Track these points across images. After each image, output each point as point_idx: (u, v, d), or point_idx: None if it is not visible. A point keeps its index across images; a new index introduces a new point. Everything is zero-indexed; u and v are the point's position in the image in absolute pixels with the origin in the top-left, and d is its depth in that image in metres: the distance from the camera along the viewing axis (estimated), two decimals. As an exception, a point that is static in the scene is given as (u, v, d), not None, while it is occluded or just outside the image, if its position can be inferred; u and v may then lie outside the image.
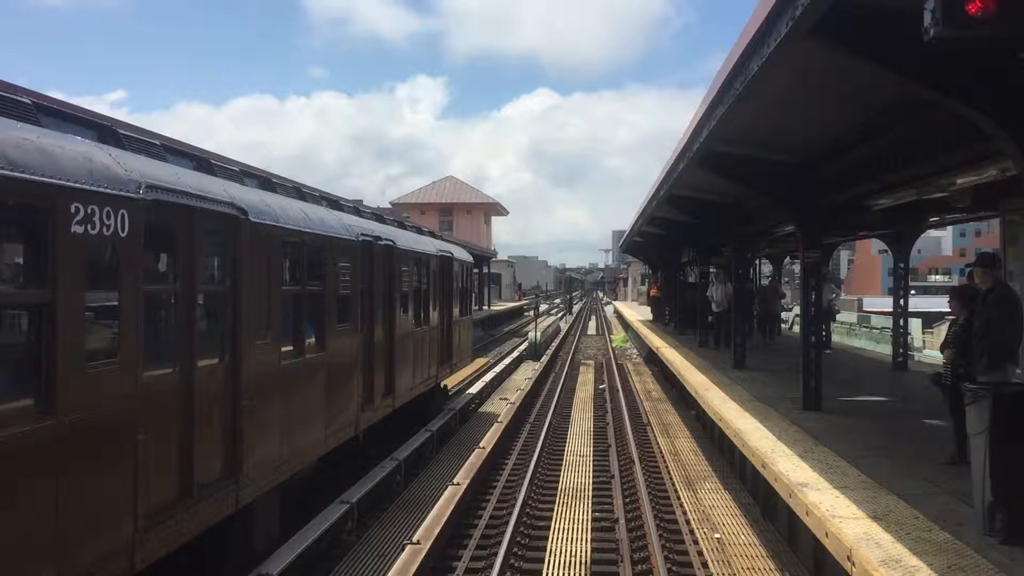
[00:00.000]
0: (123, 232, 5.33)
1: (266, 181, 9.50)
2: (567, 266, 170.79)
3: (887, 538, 6.27)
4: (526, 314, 53.28)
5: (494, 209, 72.08)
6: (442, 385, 17.49)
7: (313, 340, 9.09)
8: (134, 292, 5.52)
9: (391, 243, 12.38)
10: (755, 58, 6.94)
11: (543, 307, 62.20)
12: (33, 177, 4.59)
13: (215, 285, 7.02)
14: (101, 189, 5.15)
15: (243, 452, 7.08)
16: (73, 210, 4.87)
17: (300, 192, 10.64)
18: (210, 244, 6.86)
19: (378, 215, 14.93)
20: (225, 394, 6.92)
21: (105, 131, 6.26)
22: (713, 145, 10.95)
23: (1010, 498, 6.21)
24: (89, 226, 5.00)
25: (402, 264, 12.93)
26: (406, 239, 13.94)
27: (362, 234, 10.95)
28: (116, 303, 5.38)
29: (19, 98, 5.56)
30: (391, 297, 12.35)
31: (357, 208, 13.81)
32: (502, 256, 73.21)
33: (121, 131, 6.52)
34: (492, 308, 48.39)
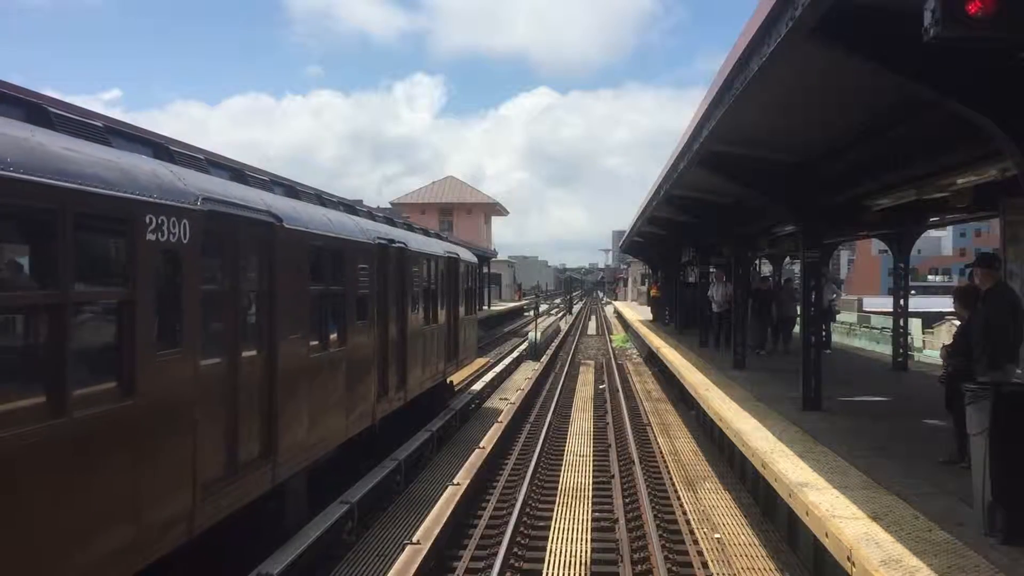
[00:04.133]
0: (185, 239, 6.11)
1: (291, 188, 10.29)
2: (567, 266, 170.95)
3: (887, 538, 6.27)
4: (526, 314, 53.29)
5: (494, 209, 72.06)
6: (448, 381, 17.97)
7: (335, 336, 9.73)
8: (194, 291, 6.31)
9: (403, 245, 13.01)
10: (755, 58, 6.94)
11: (543, 307, 62.20)
12: (119, 194, 5.38)
13: (255, 285, 7.70)
14: (168, 202, 5.93)
15: (278, 436, 7.82)
16: (147, 221, 5.65)
17: (320, 198, 11.29)
18: (251, 248, 7.59)
19: (389, 218, 15.47)
20: (263, 383, 7.66)
21: (159, 148, 7.06)
22: (713, 145, 10.95)
23: (1010, 498, 6.21)
24: (159, 234, 5.78)
25: (413, 265, 13.56)
26: (416, 241, 14.60)
27: (378, 237, 11.67)
28: (179, 300, 6.15)
29: (93, 122, 6.30)
30: (403, 296, 12.97)
31: (371, 212, 14.44)
32: (502, 256, 73.20)
33: (173, 148, 7.33)
34: (492, 308, 48.37)
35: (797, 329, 15.56)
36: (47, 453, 4.68)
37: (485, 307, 45.18)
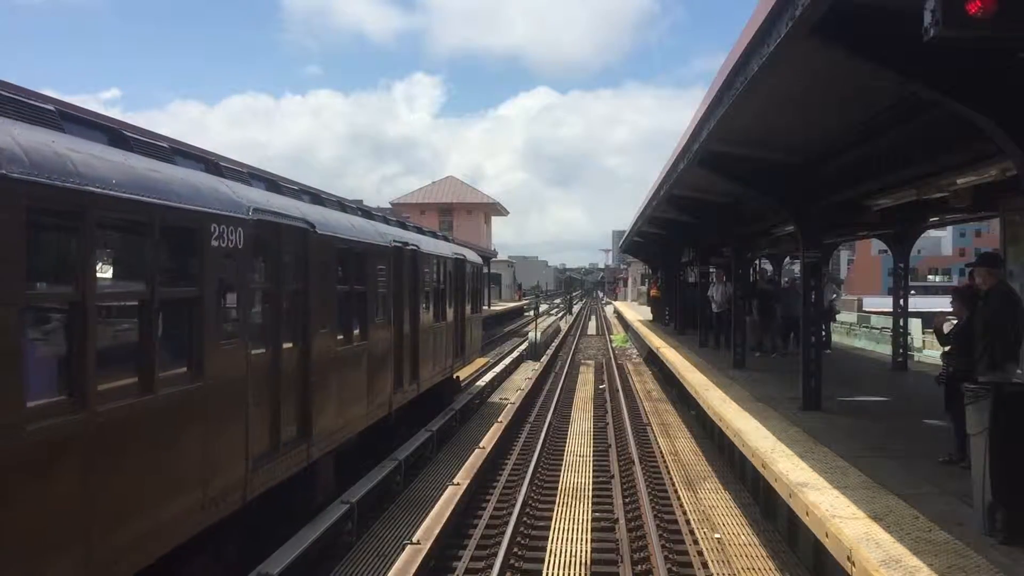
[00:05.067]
0: (240, 244, 7.00)
1: (316, 196, 11.06)
2: (567, 266, 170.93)
3: (887, 538, 6.27)
4: (526, 314, 53.27)
5: (494, 209, 72.05)
6: (455, 376, 18.72)
7: (358, 331, 10.60)
8: (246, 290, 7.28)
9: (416, 248, 13.90)
10: (755, 58, 6.93)
11: (543, 307, 62.18)
12: (192, 207, 6.31)
13: (292, 284, 8.47)
14: (227, 213, 6.82)
15: (312, 419, 8.72)
16: (212, 229, 6.55)
17: (341, 204, 12.14)
18: (289, 252, 8.39)
19: (401, 222, 16.43)
20: (299, 372, 8.54)
21: (210, 164, 7.84)
22: (713, 145, 10.95)
23: (1010, 498, 6.21)
24: (221, 240, 6.68)
25: (424, 266, 14.43)
26: (427, 244, 15.48)
27: (393, 240, 12.58)
28: (235, 298, 7.04)
29: (160, 144, 7.17)
30: (416, 295, 13.86)
31: (385, 216, 15.31)
32: (502, 256, 73.19)
33: (222, 164, 8.20)
34: (492, 308, 48.35)
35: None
36: (141, 423, 5.63)
37: (485, 307, 45.15)
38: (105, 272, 5.55)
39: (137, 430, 5.58)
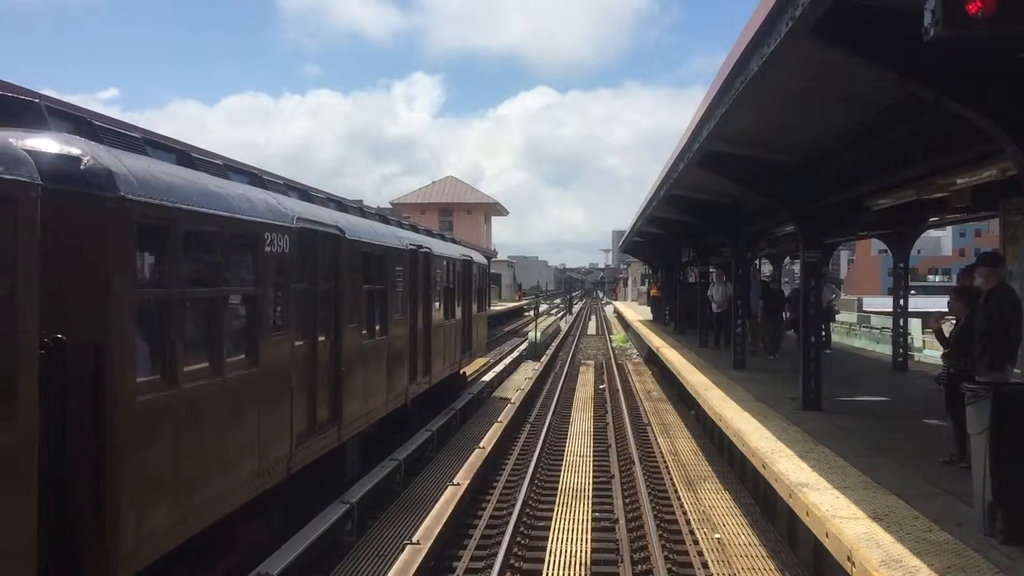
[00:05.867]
0: (286, 250, 7.94)
1: (340, 204, 12.00)
2: (567, 266, 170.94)
3: (887, 538, 6.27)
4: (526, 314, 53.27)
5: (494, 209, 72.02)
6: (462, 372, 19.54)
7: (379, 327, 11.54)
8: (290, 289, 8.19)
9: (428, 250, 14.87)
10: (755, 58, 6.94)
11: (543, 307, 62.17)
12: (252, 219, 7.26)
13: (326, 284, 9.36)
14: (277, 222, 7.77)
15: (342, 404, 9.63)
16: (265, 237, 7.48)
17: (361, 211, 13.06)
18: (324, 255, 9.30)
19: (413, 225, 16.97)
20: (331, 362, 9.44)
21: (255, 177, 8.78)
22: (713, 145, 10.95)
23: (1010, 498, 6.21)
24: (272, 247, 7.63)
25: (436, 267, 15.42)
26: (439, 246, 16.51)
27: (409, 243, 13.55)
28: (282, 296, 8.04)
29: (215, 161, 8.08)
30: (429, 295, 14.82)
31: (400, 221, 16.23)
32: (501, 256, 73.16)
33: (265, 177, 9.16)
34: (492, 308, 48.33)
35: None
36: (214, 400, 6.58)
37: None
38: (187, 275, 6.38)
39: (211, 406, 6.55)
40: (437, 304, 15.58)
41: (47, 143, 5.32)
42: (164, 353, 5.93)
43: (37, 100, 6.11)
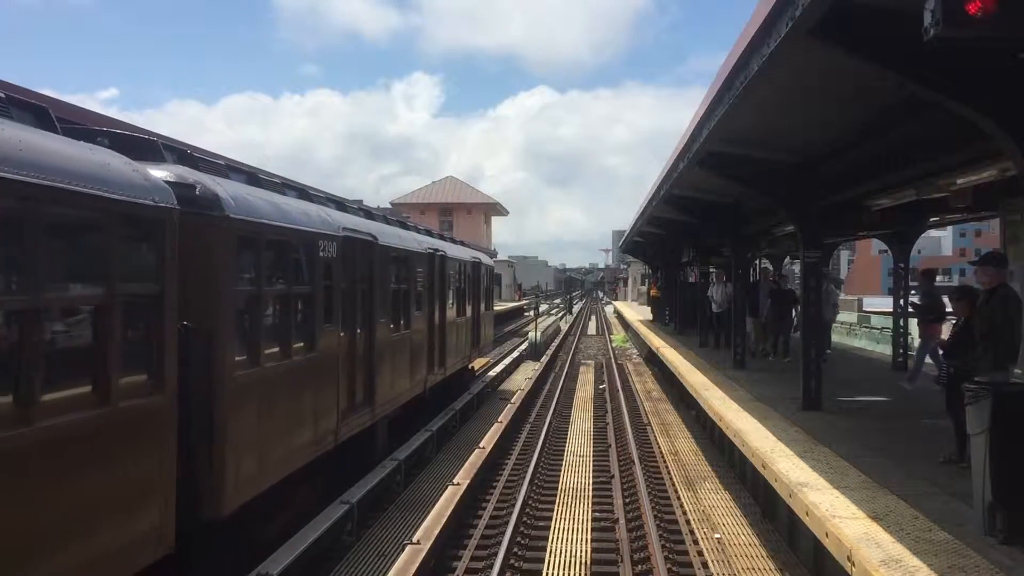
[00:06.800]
0: (334, 255, 9.47)
1: (368, 212, 13.59)
2: (567, 266, 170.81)
3: (887, 538, 6.26)
4: (526, 314, 53.26)
5: (494, 209, 72.07)
6: (470, 366, 21.12)
7: (403, 322, 13.01)
8: (337, 287, 9.62)
9: (444, 253, 16.45)
10: (755, 58, 6.94)
11: (543, 307, 62.15)
12: (311, 229, 8.89)
13: (362, 284, 10.79)
14: (327, 232, 9.37)
15: (375, 388, 11.18)
16: (320, 244, 9.05)
17: (385, 218, 14.53)
18: (362, 259, 10.70)
19: (427, 230, 18.56)
20: (366, 352, 10.96)
21: (302, 191, 10.26)
22: (713, 145, 10.95)
23: (1010, 498, 6.21)
24: (325, 252, 9.19)
25: (450, 269, 17.02)
26: (452, 250, 18.15)
27: (428, 247, 15.17)
28: (331, 293, 9.44)
29: (273, 179, 9.66)
30: (444, 294, 16.37)
31: (416, 226, 17.37)
32: (501, 256, 73.14)
33: (311, 191, 10.84)
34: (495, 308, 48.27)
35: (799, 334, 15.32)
36: (286, 379, 8.22)
37: (485, 307, 45.05)
38: (267, 277, 7.87)
39: (281, 384, 8.09)
40: (451, 303, 17.09)
41: (167, 174, 6.61)
42: (251, 339, 7.46)
43: (155, 139, 7.61)
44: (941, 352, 10.32)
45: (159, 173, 6.38)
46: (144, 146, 7.08)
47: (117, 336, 5.36)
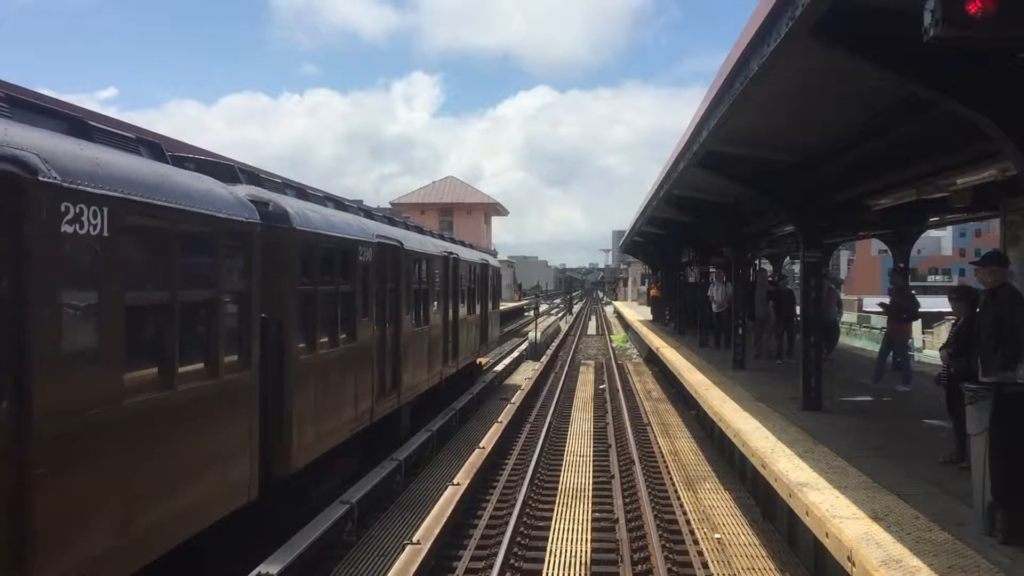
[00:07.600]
0: (370, 259, 11.01)
1: (390, 219, 15.14)
2: (567, 266, 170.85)
3: (887, 538, 6.27)
4: (526, 314, 53.26)
5: (494, 209, 72.04)
6: (478, 362, 22.67)
7: (424, 319, 14.66)
8: (372, 287, 11.11)
9: (457, 256, 18.01)
10: (755, 58, 6.93)
11: (543, 307, 62.13)
12: (354, 237, 10.52)
13: (391, 283, 12.21)
14: (365, 239, 10.91)
15: (400, 376, 12.74)
16: (359, 250, 10.63)
17: (406, 225, 16.12)
18: (391, 262, 12.18)
19: (439, 234, 20.51)
20: (393, 344, 12.42)
21: (338, 202, 11.98)
22: (713, 145, 10.94)
23: (1010, 498, 6.21)
24: (363, 257, 10.73)
25: (461, 270, 18.59)
26: (463, 252, 19.76)
27: (443, 250, 16.76)
28: (367, 292, 10.92)
29: (318, 193, 11.50)
30: (456, 293, 17.94)
31: (431, 232, 19.20)
32: (501, 256, 73.10)
33: (346, 202, 12.70)
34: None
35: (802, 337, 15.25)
36: (335, 364, 9.79)
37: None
38: (321, 277, 9.34)
39: (332, 367, 9.66)
40: (463, 301, 18.70)
41: (246, 194, 7.92)
42: (309, 329, 8.94)
43: (232, 163, 9.48)
44: (941, 355, 10.29)
45: (241, 193, 7.74)
46: (223, 169, 8.51)
47: (222, 324, 6.90)
